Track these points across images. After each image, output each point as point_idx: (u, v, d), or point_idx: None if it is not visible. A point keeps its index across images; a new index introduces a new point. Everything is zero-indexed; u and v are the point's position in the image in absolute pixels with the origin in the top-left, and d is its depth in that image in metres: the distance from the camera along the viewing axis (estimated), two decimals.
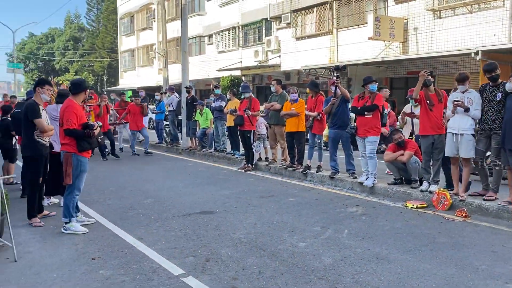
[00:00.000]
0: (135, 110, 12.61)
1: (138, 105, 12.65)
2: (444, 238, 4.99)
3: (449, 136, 6.27)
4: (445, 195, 6.21)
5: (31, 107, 5.59)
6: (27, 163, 5.88)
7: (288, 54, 20.45)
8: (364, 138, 7.31)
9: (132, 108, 12.69)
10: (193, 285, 3.80)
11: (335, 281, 3.85)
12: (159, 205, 6.70)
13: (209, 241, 4.97)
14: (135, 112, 12.59)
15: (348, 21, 17.86)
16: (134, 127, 12.71)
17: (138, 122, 12.70)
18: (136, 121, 12.63)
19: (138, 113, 12.63)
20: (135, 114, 12.59)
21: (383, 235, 5.11)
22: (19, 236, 5.11)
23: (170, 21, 27.64)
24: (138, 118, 12.66)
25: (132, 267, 4.22)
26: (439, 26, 14.64)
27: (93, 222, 5.74)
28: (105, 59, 48.59)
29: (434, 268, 4.12)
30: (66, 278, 3.99)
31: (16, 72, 41.77)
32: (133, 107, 12.68)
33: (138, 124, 12.70)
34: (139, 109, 12.63)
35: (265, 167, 9.68)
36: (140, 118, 12.70)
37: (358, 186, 7.53)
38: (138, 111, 12.62)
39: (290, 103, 8.82)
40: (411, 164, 7.00)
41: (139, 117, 12.69)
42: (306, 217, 5.93)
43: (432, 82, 6.60)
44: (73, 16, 61.49)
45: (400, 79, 17.30)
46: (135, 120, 12.62)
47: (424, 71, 6.44)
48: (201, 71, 27.06)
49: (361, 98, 7.45)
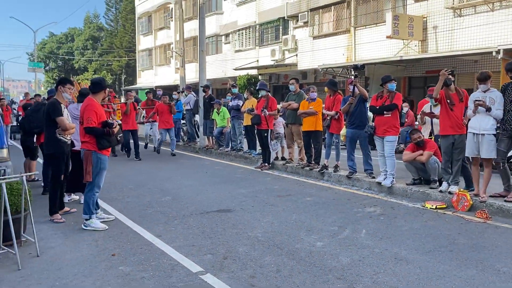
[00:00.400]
0: (163, 108, 12.34)
1: (166, 103, 12.36)
2: (464, 240, 4.92)
3: (470, 136, 6.18)
4: (465, 196, 6.12)
5: (53, 105, 5.70)
6: (49, 160, 6.01)
7: (305, 53, 20.39)
8: (382, 137, 7.24)
9: (160, 107, 12.42)
10: (211, 282, 3.83)
11: (353, 281, 3.83)
12: (177, 203, 6.76)
13: (227, 239, 5.00)
14: (163, 111, 12.33)
15: (366, 20, 17.71)
16: (163, 126, 12.44)
17: (167, 121, 12.40)
18: (165, 120, 12.36)
19: (166, 112, 12.34)
20: (163, 113, 12.34)
21: (401, 236, 5.07)
22: (41, 232, 5.22)
23: (187, 21, 27.84)
24: (167, 117, 12.38)
25: (151, 263, 4.28)
26: (459, 24, 14.42)
27: (113, 219, 5.83)
28: (123, 58, 49.15)
29: (454, 269, 4.07)
30: (87, 273, 4.06)
31: (37, 71, 42.56)
32: (161, 106, 12.39)
33: (167, 123, 12.41)
34: (167, 107, 12.34)
35: (281, 166, 9.68)
36: (169, 117, 12.41)
37: (376, 186, 7.47)
38: (167, 110, 12.32)
39: (307, 101, 8.80)
40: (430, 164, 6.92)
41: (168, 116, 12.39)
42: (323, 217, 5.91)
43: (452, 81, 6.50)
44: (92, 16, 62.39)
45: (418, 78, 17.09)
46: (164, 119, 12.36)
47: (445, 70, 6.35)
48: (218, 70, 27.16)
49: (379, 97, 7.39)
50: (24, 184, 4.52)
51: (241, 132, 11.65)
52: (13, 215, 4.42)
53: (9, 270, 4.16)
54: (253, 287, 3.73)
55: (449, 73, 6.37)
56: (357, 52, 18.01)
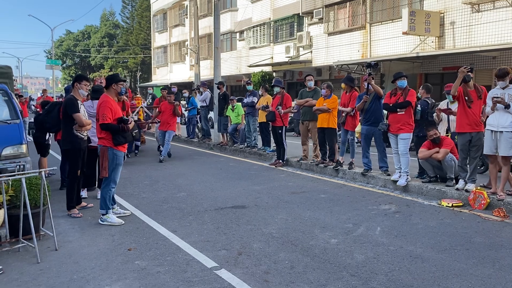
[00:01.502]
0: (166, 108, 11.09)
1: (170, 103, 11.08)
2: (481, 238, 4.86)
3: (488, 133, 6.09)
4: (482, 194, 6.04)
5: (70, 102, 5.79)
6: (66, 156, 6.11)
7: (319, 49, 20.29)
8: (396, 135, 7.19)
9: (163, 106, 11.20)
10: (225, 277, 3.86)
11: (368, 278, 3.82)
12: (192, 199, 6.81)
13: (241, 235, 5.02)
14: (165, 111, 11.06)
15: (382, 16, 17.54)
16: (162, 127, 11.14)
17: (168, 123, 11.04)
18: (165, 121, 11.05)
19: (169, 112, 11.03)
20: (165, 113, 11.04)
21: (417, 234, 5.03)
22: (59, 226, 5.32)
23: (202, 18, 27.95)
24: (168, 118, 11.03)
25: (167, 258, 4.32)
26: (477, 20, 14.19)
27: (129, 214, 5.91)
28: (138, 56, 49.57)
29: (471, 268, 4.03)
30: (103, 267, 4.13)
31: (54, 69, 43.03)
32: (165, 105, 11.18)
33: (167, 124, 11.04)
34: (171, 107, 11.05)
35: (296, 163, 9.67)
36: (171, 118, 11.07)
37: (391, 183, 7.42)
38: (170, 110, 11.04)
39: (323, 98, 8.78)
40: (446, 162, 6.84)
41: (170, 117, 11.07)
42: (338, 214, 5.90)
43: (471, 78, 6.41)
44: (108, 14, 63.07)
45: (435, 75, 16.87)
46: (165, 119, 11.05)
47: (464, 67, 6.26)
48: (232, 67, 27.22)
49: (393, 94, 7.33)
50: (43, 179, 4.62)
51: (255, 129, 11.67)
52: (32, 209, 4.51)
53: (29, 263, 4.25)
54: (267, 283, 3.75)
55: (469, 71, 6.28)
56: (372, 48, 17.86)
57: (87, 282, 3.80)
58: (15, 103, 7.08)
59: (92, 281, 3.83)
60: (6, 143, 6.25)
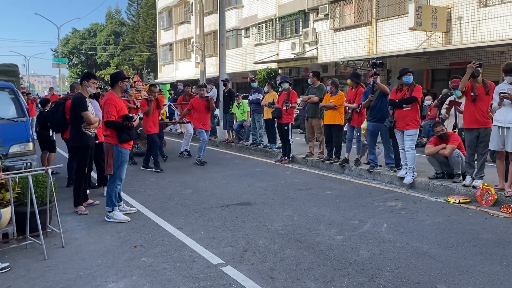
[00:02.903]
0: (199, 104, 9.94)
1: (202, 98, 9.99)
2: (489, 235, 4.82)
3: (495, 129, 6.03)
4: (489, 190, 6.00)
5: (79, 100, 5.81)
6: (74, 153, 6.14)
7: (325, 46, 20.21)
8: (403, 131, 7.14)
9: (195, 102, 10.02)
10: (231, 274, 3.86)
11: (374, 275, 3.81)
12: (197, 196, 6.82)
13: (247, 232, 5.02)
14: (199, 107, 9.94)
15: (388, 11, 17.43)
16: (199, 126, 9.98)
17: (204, 121, 10.04)
18: (200, 119, 9.99)
19: (203, 109, 9.95)
20: (199, 110, 9.96)
21: (423, 230, 5.00)
22: (65, 223, 5.35)
23: (207, 15, 27.92)
24: (203, 116, 10.01)
25: (173, 255, 4.34)
26: (484, 15, 14.05)
27: (135, 211, 5.93)
28: (144, 53, 49.66)
29: (478, 264, 4.00)
30: (110, 264, 4.15)
31: (61, 67, 43.31)
32: (196, 101, 10.02)
33: (204, 123, 10.04)
34: (204, 103, 9.94)
35: (302, 160, 9.66)
36: (206, 115, 10.07)
37: (398, 180, 7.38)
38: (203, 106, 9.94)
39: (329, 95, 8.74)
40: (453, 158, 6.79)
41: (205, 114, 10.03)
42: (344, 211, 5.88)
43: (480, 73, 6.35)
44: (114, 12, 63.20)
45: (442, 71, 16.75)
46: (199, 117, 9.97)
47: (473, 63, 6.20)
48: (238, 64, 27.19)
49: (399, 90, 7.28)
50: (50, 176, 4.64)
51: (261, 126, 11.66)
52: (39, 206, 4.54)
53: (36, 259, 4.28)
54: (272, 279, 3.75)
55: (477, 66, 6.22)
56: (378, 44, 17.76)
57: (94, 278, 3.82)
58: (22, 101, 7.12)
59: (99, 277, 3.84)
60: (13, 141, 6.29)
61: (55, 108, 7.06)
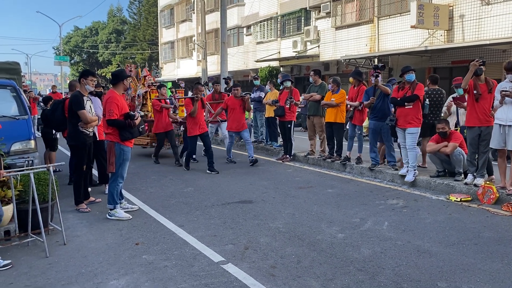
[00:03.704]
0: (235, 104, 9.31)
1: (237, 97, 9.28)
2: (490, 233, 4.82)
3: (497, 127, 6.02)
4: (491, 188, 5.99)
5: (76, 99, 5.77)
6: (72, 151, 6.15)
7: (327, 44, 20.17)
8: (404, 129, 7.13)
9: (230, 101, 9.39)
10: (232, 272, 3.87)
11: (375, 273, 3.81)
12: (199, 193, 6.83)
13: (248, 229, 5.03)
14: (234, 107, 9.30)
15: (390, 9, 17.38)
16: (233, 127, 9.40)
17: (239, 121, 9.34)
18: (235, 119, 9.33)
19: (238, 108, 9.30)
20: (234, 110, 9.30)
21: (424, 228, 5.00)
22: (67, 221, 5.36)
23: (209, 13, 27.89)
24: (238, 115, 9.32)
25: (174, 253, 4.34)
26: (487, 13, 14.00)
27: (136, 209, 5.94)
28: (146, 51, 49.66)
29: (479, 262, 4.00)
30: (111, 261, 4.16)
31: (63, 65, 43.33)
32: (231, 100, 9.39)
33: (239, 123, 9.35)
34: (239, 102, 9.29)
35: (303, 158, 9.65)
36: (241, 115, 9.40)
37: (399, 178, 7.38)
38: (239, 106, 9.29)
39: (331, 93, 8.74)
40: (455, 156, 6.78)
41: (240, 113, 9.36)
42: (345, 209, 5.88)
43: (483, 71, 6.34)
44: (115, 10, 63.30)
45: (444, 69, 16.70)
46: (235, 117, 9.33)
47: (476, 61, 6.18)
48: (239, 62, 27.17)
49: (401, 88, 7.26)
50: (51, 174, 4.65)
51: (262, 124, 11.65)
52: (41, 204, 4.55)
53: (38, 257, 4.29)
54: (273, 277, 3.75)
55: (480, 64, 6.20)
56: (380, 42, 17.72)
57: (95, 276, 3.83)
58: (24, 99, 7.13)
59: (100, 275, 3.85)
60: (15, 138, 6.30)
61: (54, 106, 7.07)
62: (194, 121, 8.55)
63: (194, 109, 8.39)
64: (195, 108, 8.39)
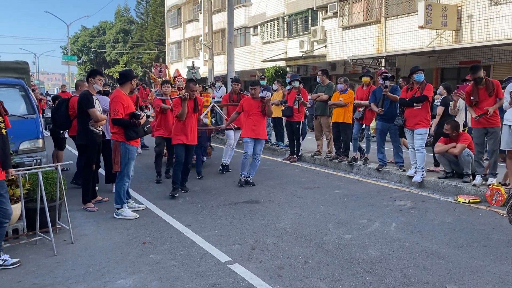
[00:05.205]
0: (252, 106, 7.45)
1: (255, 98, 7.45)
2: (499, 235, 4.78)
3: (506, 128, 5.97)
4: (499, 190, 5.93)
5: (85, 97, 5.83)
6: (81, 150, 6.17)
7: (334, 44, 20.10)
8: (413, 130, 7.09)
9: (246, 103, 7.52)
10: (239, 272, 3.86)
11: (383, 274, 3.79)
12: (205, 193, 6.83)
13: (255, 230, 5.02)
14: (250, 110, 7.44)
15: (397, 10, 17.30)
16: (250, 133, 7.45)
17: (257, 127, 7.45)
18: (252, 125, 7.42)
19: (256, 111, 7.42)
20: (251, 113, 7.44)
21: (433, 230, 4.97)
22: (75, 220, 5.38)
23: (215, 13, 27.92)
24: (257, 120, 7.44)
25: (181, 252, 4.35)
26: (496, 13, 13.88)
27: (143, 209, 5.95)
28: (153, 51, 49.79)
29: (488, 265, 3.96)
30: (118, 260, 4.17)
31: (70, 64, 43.67)
32: (248, 101, 7.53)
33: (257, 129, 7.45)
34: (257, 104, 7.43)
35: (310, 159, 9.63)
36: (261, 119, 7.50)
37: (407, 179, 7.34)
38: (256, 108, 7.42)
39: (339, 93, 8.71)
40: (463, 157, 6.73)
41: (260, 117, 7.46)
42: (352, 210, 5.86)
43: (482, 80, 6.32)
44: (123, 10, 63.49)
45: (452, 69, 16.60)
46: (252, 122, 7.44)
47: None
48: (246, 62, 27.17)
49: (409, 89, 7.22)
50: (59, 173, 4.67)
51: (269, 124, 11.63)
52: (49, 203, 4.58)
53: (46, 255, 4.31)
54: (280, 277, 3.74)
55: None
56: (388, 43, 17.64)
57: (103, 275, 3.84)
58: (32, 98, 7.17)
59: (107, 274, 3.86)
60: (24, 137, 6.34)
61: (59, 105, 7.13)
62: (181, 127, 6.64)
63: (183, 111, 6.52)
64: (184, 109, 6.52)
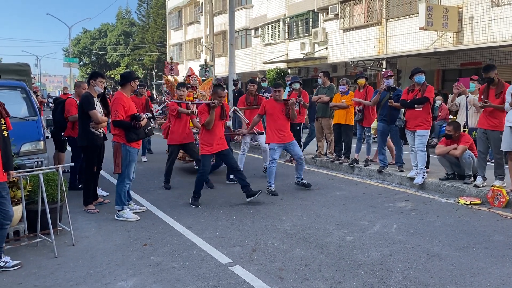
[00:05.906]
0: (275, 109, 7.03)
1: (278, 100, 7.02)
2: (500, 237, 4.77)
3: (507, 130, 5.96)
4: (501, 191, 5.93)
5: (86, 99, 5.84)
6: (83, 152, 6.18)
7: (335, 46, 20.11)
8: (414, 131, 7.08)
9: (269, 105, 7.12)
10: (240, 274, 3.86)
11: (384, 276, 3.78)
12: (206, 195, 6.82)
13: (256, 231, 5.02)
14: (273, 113, 7.04)
15: (398, 11, 17.30)
16: (275, 139, 7.06)
17: (282, 130, 7.04)
18: (277, 129, 7.03)
19: (279, 114, 7.01)
20: (274, 116, 7.04)
21: (434, 231, 4.96)
22: (76, 222, 5.39)
23: (217, 15, 27.97)
24: (282, 124, 7.04)
25: (182, 254, 4.34)
26: (497, 15, 13.87)
27: (144, 210, 5.95)
28: (154, 53, 49.86)
29: (489, 266, 3.95)
30: (119, 262, 4.16)
31: (72, 66, 43.75)
32: (271, 103, 7.12)
33: (282, 133, 7.05)
34: (281, 107, 6.99)
35: (311, 160, 9.62)
36: (285, 123, 7.08)
37: (408, 180, 7.33)
38: (280, 111, 7.00)
39: (340, 95, 8.70)
40: (464, 158, 6.72)
41: (284, 121, 7.05)
42: (353, 211, 5.85)
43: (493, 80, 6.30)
44: (124, 12, 63.65)
45: (453, 71, 16.58)
46: (276, 127, 7.04)
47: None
48: (247, 64, 27.18)
49: (410, 90, 7.22)
50: (60, 175, 4.67)
51: None
52: (50, 205, 4.57)
53: (47, 257, 4.31)
54: (281, 279, 3.74)
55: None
56: (388, 44, 17.63)
57: (103, 276, 3.84)
58: (34, 100, 7.19)
59: (108, 276, 3.86)
60: (25, 139, 6.35)
61: (56, 106, 7.19)
62: (209, 136, 6.31)
63: (210, 119, 6.14)
64: (212, 117, 6.13)
